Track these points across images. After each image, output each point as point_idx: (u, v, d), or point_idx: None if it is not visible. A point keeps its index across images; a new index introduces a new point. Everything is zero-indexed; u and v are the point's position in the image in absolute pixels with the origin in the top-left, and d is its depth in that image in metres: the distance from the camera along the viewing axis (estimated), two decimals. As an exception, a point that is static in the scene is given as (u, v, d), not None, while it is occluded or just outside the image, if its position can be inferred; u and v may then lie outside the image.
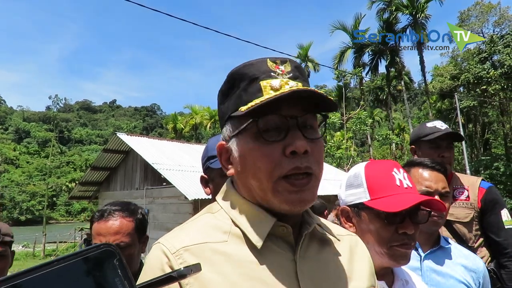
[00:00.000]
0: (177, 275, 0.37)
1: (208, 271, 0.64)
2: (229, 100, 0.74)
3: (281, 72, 0.72)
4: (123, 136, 14.60)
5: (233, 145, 0.74)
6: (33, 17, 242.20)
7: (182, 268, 0.38)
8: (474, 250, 1.94)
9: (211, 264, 0.66)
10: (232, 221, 0.73)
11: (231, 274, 0.65)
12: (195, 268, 0.39)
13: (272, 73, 0.71)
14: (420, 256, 1.36)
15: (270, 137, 0.68)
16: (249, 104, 0.68)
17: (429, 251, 1.37)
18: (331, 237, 0.79)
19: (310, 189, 0.69)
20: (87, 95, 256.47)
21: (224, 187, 0.82)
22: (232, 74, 0.75)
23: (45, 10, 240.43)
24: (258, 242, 0.68)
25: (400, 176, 1.06)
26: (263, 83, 0.70)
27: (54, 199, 62.31)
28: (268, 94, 0.68)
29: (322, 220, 0.83)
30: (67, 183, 58.66)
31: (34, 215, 56.43)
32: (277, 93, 0.67)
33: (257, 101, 0.67)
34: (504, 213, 2.01)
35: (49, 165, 45.96)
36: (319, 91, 0.68)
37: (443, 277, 1.30)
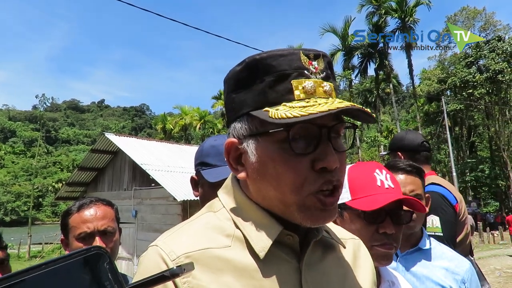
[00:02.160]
0: (170, 274, 0.37)
1: (210, 281, 0.60)
2: (248, 92, 0.64)
3: (314, 70, 0.63)
4: (111, 136, 14.45)
5: (249, 146, 0.64)
6: (22, 15, 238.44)
7: (175, 267, 0.37)
8: None
9: (213, 273, 0.61)
10: (234, 223, 0.67)
11: (233, 285, 0.60)
12: (188, 267, 0.38)
13: (305, 71, 0.62)
14: (396, 257, 1.38)
15: (300, 148, 0.60)
16: (282, 113, 0.57)
17: (406, 252, 1.38)
18: (335, 242, 0.74)
19: (336, 206, 0.64)
20: (75, 95, 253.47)
21: (228, 183, 0.73)
22: (256, 61, 0.63)
23: (35, 8, 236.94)
24: (261, 251, 0.62)
25: (382, 177, 1.06)
26: (294, 83, 0.61)
27: (40, 199, 61.34)
28: (299, 98, 0.60)
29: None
30: (53, 184, 57.78)
31: (19, 216, 55.46)
32: (315, 104, 0.58)
33: (293, 111, 0.57)
34: (430, 220, 1.94)
35: (35, 165, 45.24)
36: (366, 109, 0.62)
37: (418, 279, 1.31)
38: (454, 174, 20.67)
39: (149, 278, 0.36)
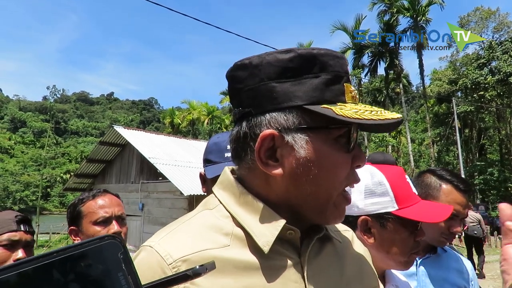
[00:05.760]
0: (193, 274, 0.36)
1: (210, 285, 0.58)
2: (297, 84, 0.61)
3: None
4: (120, 129, 14.56)
5: (296, 140, 0.61)
6: (33, 6, 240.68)
7: (197, 267, 0.37)
8: None
9: (212, 275, 0.56)
10: (233, 219, 0.65)
11: (233, 286, 0.59)
12: (210, 266, 0.38)
13: (349, 77, 0.66)
14: (417, 262, 1.40)
15: (351, 147, 0.64)
16: (350, 113, 0.59)
17: (425, 256, 1.41)
18: (331, 236, 0.74)
19: None
20: (84, 87, 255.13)
21: (224, 178, 0.71)
22: (313, 56, 0.62)
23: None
24: (265, 246, 0.61)
25: (410, 182, 1.08)
26: (346, 86, 0.64)
27: (48, 190, 62.09)
28: (350, 101, 0.64)
29: None
30: (61, 175, 58.38)
31: (28, 206, 56.13)
32: (370, 113, 0.62)
33: (363, 114, 0.60)
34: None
35: (44, 156, 45.78)
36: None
37: (436, 282, 1.35)
38: (463, 176, 20.47)
39: (171, 276, 0.36)
